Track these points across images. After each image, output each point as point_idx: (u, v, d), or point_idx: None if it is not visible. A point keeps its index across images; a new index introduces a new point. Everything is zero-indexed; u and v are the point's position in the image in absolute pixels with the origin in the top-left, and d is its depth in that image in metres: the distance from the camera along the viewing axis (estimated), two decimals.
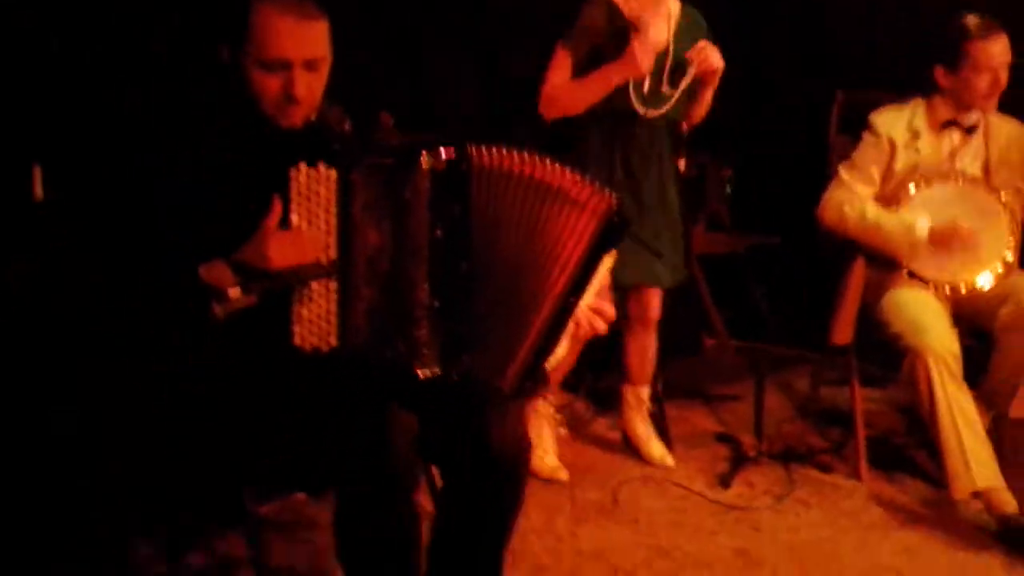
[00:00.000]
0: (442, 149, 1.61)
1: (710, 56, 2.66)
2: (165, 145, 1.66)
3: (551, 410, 2.91)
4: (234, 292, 1.52)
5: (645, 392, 3.04)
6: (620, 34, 2.59)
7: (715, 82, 2.75)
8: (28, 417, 1.92)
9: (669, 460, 2.96)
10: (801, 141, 3.98)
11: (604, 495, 2.73)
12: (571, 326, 1.70)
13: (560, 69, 2.65)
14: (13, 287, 1.97)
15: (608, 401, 3.31)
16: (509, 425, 1.73)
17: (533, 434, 2.72)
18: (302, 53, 1.63)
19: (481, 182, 1.64)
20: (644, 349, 2.99)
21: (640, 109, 2.68)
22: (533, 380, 1.70)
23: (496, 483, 1.71)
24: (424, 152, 1.60)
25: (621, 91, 2.64)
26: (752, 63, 4.01)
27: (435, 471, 1.96)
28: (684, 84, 2.71)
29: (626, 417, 3.06)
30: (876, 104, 3.03)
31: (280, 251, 1.55)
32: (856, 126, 3.29)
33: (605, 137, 2.72)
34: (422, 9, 3.00)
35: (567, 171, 1.67)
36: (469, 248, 1.65)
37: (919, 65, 3.00)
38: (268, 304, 1.59)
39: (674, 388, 3.41)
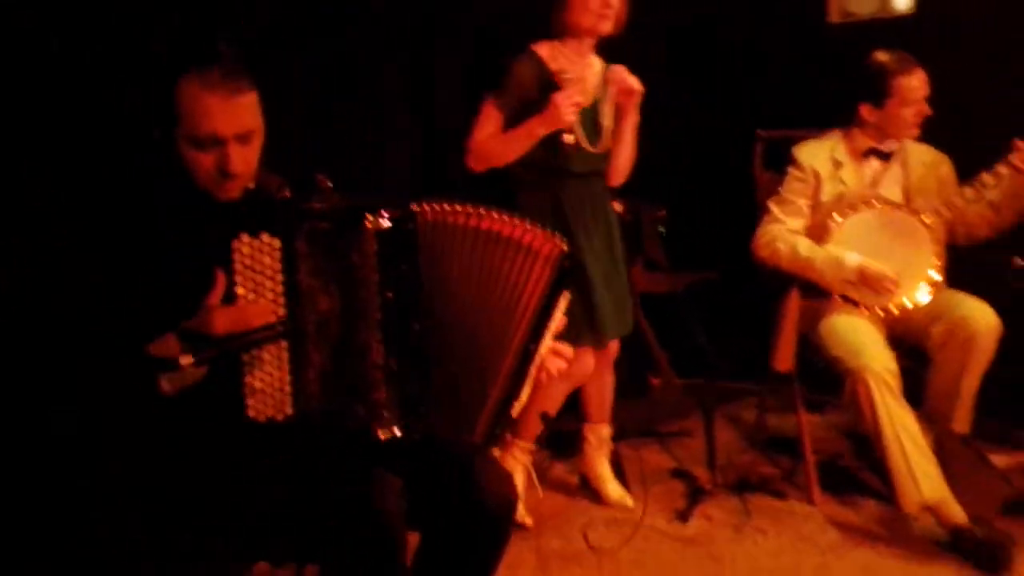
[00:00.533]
0: (385, 210, 1.61)
1: (627, 76, 2.72)
2: (106, 222, 1.66)
3: (526, 458, 2.91)
4: (185, 359, 1.48)
5: (606, 431, 3.07)
6: (549, 89, 2.65)
7: (635, 113, 2.79)
8: None
9: (628, 501, 2.98)
10: (728, 180, 4.12)
11: (567, 541, 2.74)
12: (533, 372, 1.72)
13: (487, 122, 2.69)
14: None
15: (564, 445, 3.33)
16: (498, 473, 1.76)
17: None
18: (233, 128, 1.63)
19: (428, 239, 1.64)
20: (604, 387, 3.03)
21: (584, 143, 2.72)
22: (501, 428, 1.71)
23: (487, 532, 1.73)
24: (367, 214, 1.59)
25: (556, 148, 2.69)
26: (676, 107, 4.13)
27: None
28: (609, 110, 2.76)
29: (587, 457, 3.07)
30: (794, 141, 3.17)
31: (226, 321, 1.53)
32: (777, 162, 3.43)
33: (544, 195, 2.76)
34: (357, 67, 3.03)
35: (515, 219, 1.69)
36: (421, 307, 1.64)
37: (833, 103, 3.15)
38: (219, 377, 1.57)
39: (625, 429, 3.44)
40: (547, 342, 1.74)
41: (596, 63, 2.82)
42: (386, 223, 1.61)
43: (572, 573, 2.55)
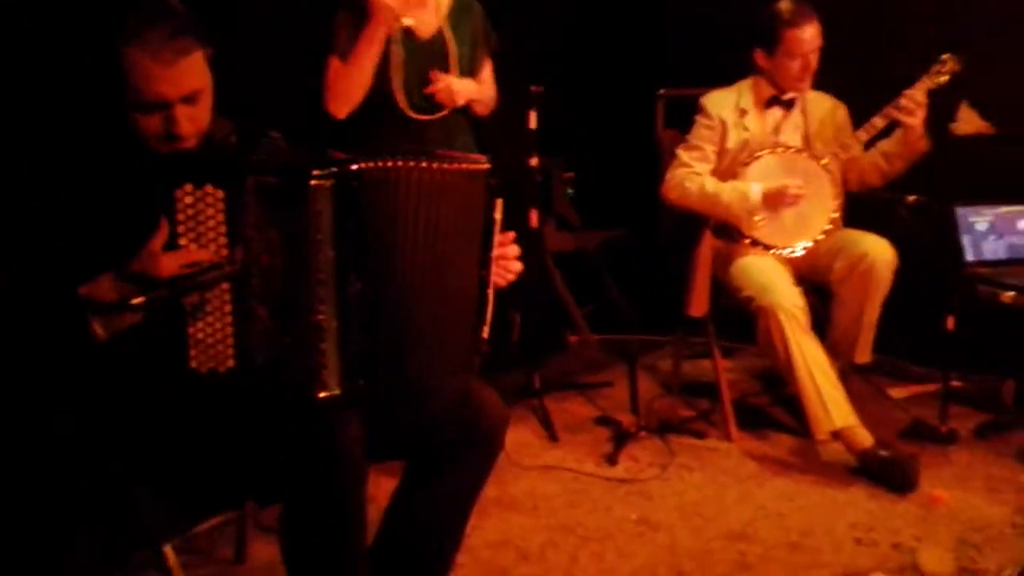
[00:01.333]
0: (330, 167, 1.59)
1: (448, 91, 2.73)
2: (48, 165, 1.63)
3: None
4: (136, 300, 1.48)
5: None
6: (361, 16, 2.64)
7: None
8: None
9: None
10: (631, 139, 4.23)
11: (500, 490, 2.80)
12: (490, 294, 1.77)
13: (330, 64, 2.67)
14: None
15: None
16: (489, 394, 1.83)
17: None
18: (179, 90, 1.60)
19: (372, 195, 1.62)
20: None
21: (409, 112, 2.72)
22: (480, 355, 1.76)
23: (482, 451, 1.81)
24: (313, 170, 1.57)
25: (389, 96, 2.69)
26: (579, 68, 4.22)
27: None
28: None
29: None
30: (693, 99, 3.28)
31: (171, 264, 1.53)
32: (678, 121, 3.55)
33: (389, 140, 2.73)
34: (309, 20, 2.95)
35: (447, 160, 1.70)
36: (366, 266, 1.62)
37: (732, 58, 3.28)
38: (160, 327, 1.57)
39: (549, 383, 3.53)
40: (494, 263, 1.77)
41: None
42: (331, 181, 1.58)
43: (510, 519, 2.62)
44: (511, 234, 1.85)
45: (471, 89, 2.80)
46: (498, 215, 1.76)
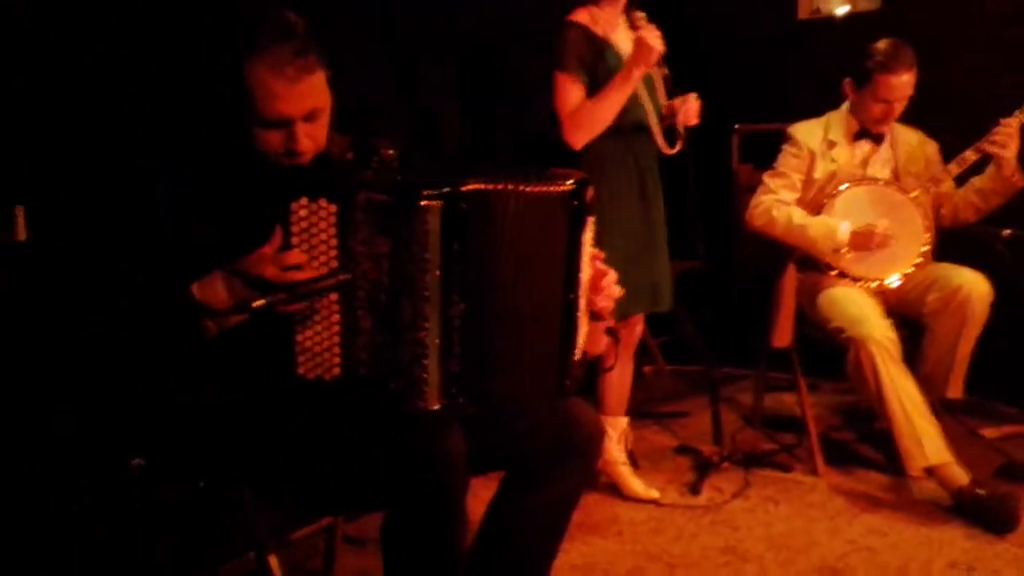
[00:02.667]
0: (442, 187, 1.60)
1: (693, 110, 2.77)
2: (170, 174, 1.67)
3: (616, 433, 2.92)
4: (257, 302, 1.51)
5: (624, 422, 3.00)
6: (598, 55, 2.70)
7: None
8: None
9: (653, 493, 2.90)
10: (706, 172, 4.21)
11: (583, 514, 2.77)
12: (581, 318, 1.76)
13: (571, 91, 2.67)
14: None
15: None
16: (583, 408, 1.81)
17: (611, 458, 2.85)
18: (301, 109, 1.64)
19: (480, 217, 1.63)
20: (625, 376, 2.99)
21: (665, 149, 2.78)
22: (571, 379, 1.75)
23: (578, 463, 1.79)
24: (424, 190, 1.59)
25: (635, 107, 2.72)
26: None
27: None
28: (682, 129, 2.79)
29: (606, 451, 2.90)
30: (767, 135, 3.26)
31: (277, 264, 1.56)
32: (753, 156, 3.53)
33: (621, 147, 2.77)
34: (417, 37, 3.01)
35: (542, 178, 1.70)
36: (469, 286, 1.63)
37: (802, 96, 3.26)
38: (268, 333, 1.59)
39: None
40: (584, 286, 1.76)
41: (624, 24, 2.81)
42: (440, 201, 1.60)
43: (595, 544, 2.59)
44: (600, 253, 1.83)
45: (696, 120, 2.79)
46: (587, 235, 1.75)
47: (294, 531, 1.81)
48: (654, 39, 2.62)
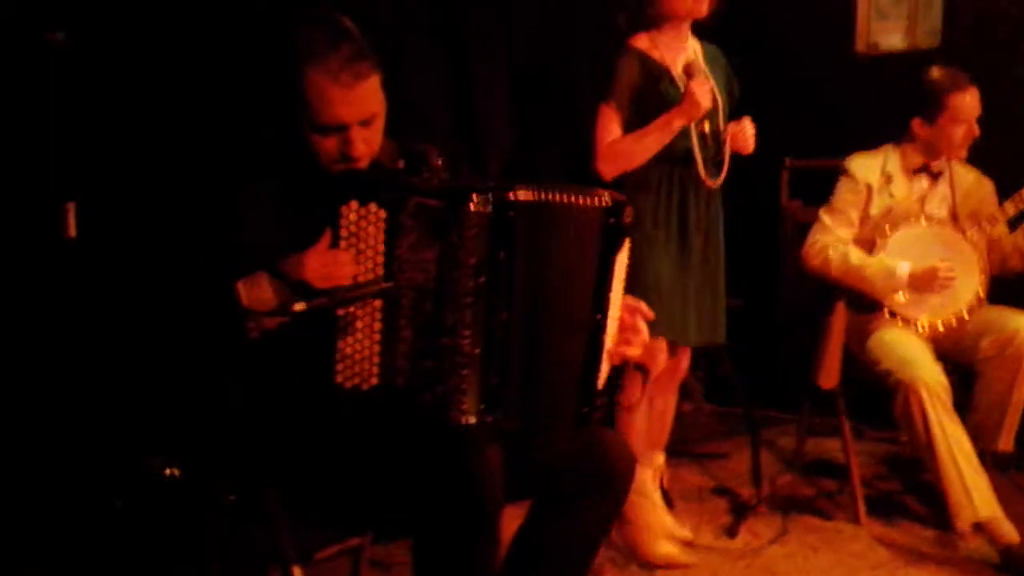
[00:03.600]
0: (491, 193, 1.59)
1: (748, 136, 2.74)
2: (221, 173, 1.66)
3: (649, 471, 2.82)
4: (298, 305, 1.49)
5: (661, 458, 2.91)
6: (657, 80, 2.67)
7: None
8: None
9: (685, 532, 2.81)
10: (753, 208, 4.16)
11: (615, 552, 2.69)
12: (608, 341, 1.70)
13: (610, 125, 2.66)
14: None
15: None
16: (613, 437, 1.76)
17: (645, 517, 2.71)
18: (357, 115, 1.64)
19: (526, 226, 1.62)
20: (665, 409, 2.91)
21: (708, 181, 2.73)
22: (591, 407, 1.69)
23: (608, 493, 1.73)
24: (473, 195, 1.58)
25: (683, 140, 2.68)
26: None
27: None
28: (727, 156, 2.77)
29: (640, 484, 2.73)
30: (817, 171, 3.19)
31: (321, 268, 1.54)
32: (803, 192, 3.46)
33: (664, 176, 2.72)
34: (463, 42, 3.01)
35: (583, 193, 1.67)
36: (512, 296, 1.62)
37: (857, 132, 3.20)
38: (311, 335, 1.56)
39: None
40: (614, 311, 1.71)
41: (693, 45, 2.78)
42: (489, 208, 1.58)
43: None
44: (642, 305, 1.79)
45: (751, 147, 2.77)
46: (621, 257, 1.71)
47: (320, 550, 1.75)
48: (703, 94, 2.59)
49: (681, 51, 2.73)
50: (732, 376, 4.03)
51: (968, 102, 2.90)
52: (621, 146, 2.66)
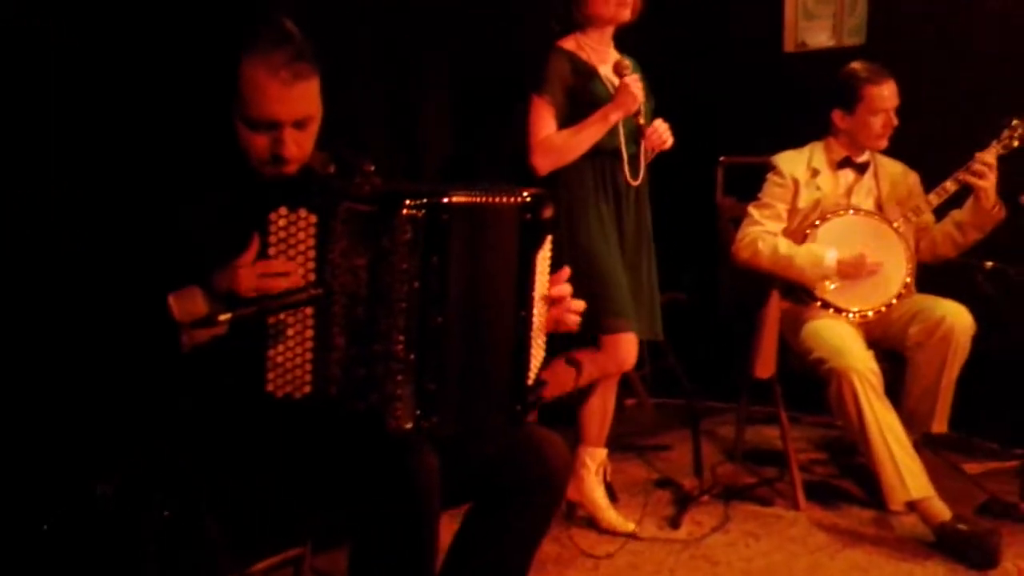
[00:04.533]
0: (424, 198, 1.58)
1: (662, 132, 2.78)
2: (151, 173, 1.64)
3: (594, 464, 2.88)
4: (223, 316, 1.46)
5: (603, 454, 2.94)
6: (583, 79, 2.71)
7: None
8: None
9: (629, 526, 2.83)
10: (690, 204, 4.22)
11: (562, 546, 2.72)
12: (536, 336, 1.72)
13: (545, 119, 2.69)
14: None
15: None
16: (556, 440, 1.77)
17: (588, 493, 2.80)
18: (292, 114, 1.62)
19: (458, 229, 1.61)
20: (606, 405, 2.92)
21: (630, 180, 2.78)
22: (523, 402, 1.70)
23: (543, 495, 1.74)
24: (406, 200, 1.57)
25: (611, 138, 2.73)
26: None
27: None
28: (643, 156, 2.83)
29: (583, 481, 2.87)
30: (752, 167, 3.27)
31: (252, 278, 1.52)
32: (738, 189, 3.53)
33: (597, 173, 2.76)
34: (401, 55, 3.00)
35: (505, 193, 1.68)
36: (446, 300, 1.61)
37: (790, 128, 3.27)
38: (241, 345, 1.55)
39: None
40: (538, 305, 1.72)
41: (614, 53, 2.82)
42: (422, 212, 1.57)
43: None
44: (566, 271, 1.81)
45: (670, 143, 2.81)
46: (543, 254, 1.72)
47: (258, 562, 1.74)
48: (637, 88, 2.65)
49: (606, 54, 2.80)
50: (675, 369, 4.09)
51: (885, 93, 3.00)
52: (557, 140, 2.69)
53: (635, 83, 2.66)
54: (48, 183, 2.03)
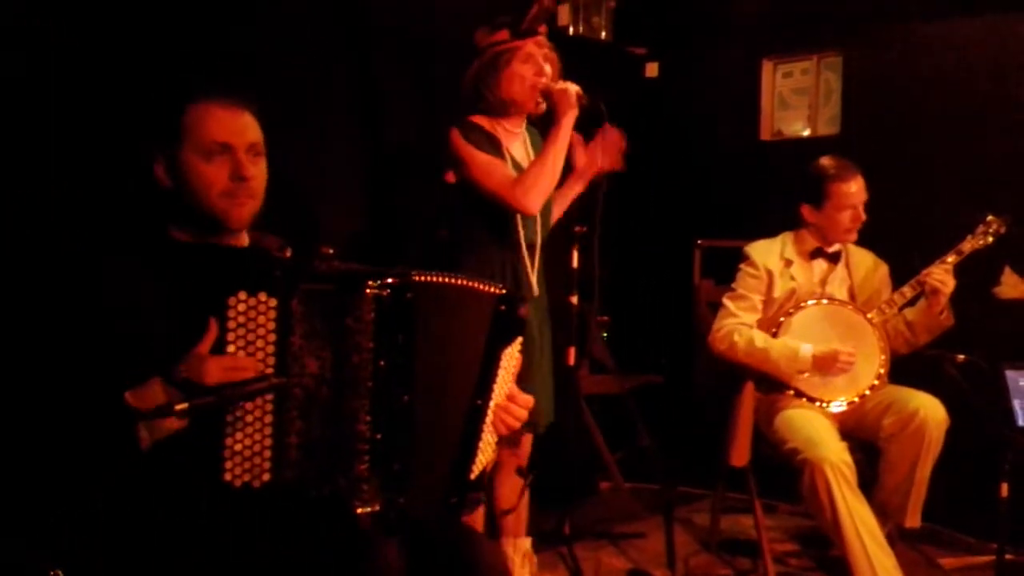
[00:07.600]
0: (389, 277, 1.59)
1: (615, 146, 2.82)
2: (102, 265, 1.62)
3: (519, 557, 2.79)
4: (180, 405, 1.42)
5: (527, 543, 2.85)
6: (496, 151, 2.66)
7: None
8: None
9: None
10: (668, 288, 4.25)
11: None
12: (488, 429, 1.71)
13: (498, 168, 2.62)
14: None
15: None
16: (496, 547, 1.72)
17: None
18: (243, 138, 1.68)
19: (424, 307, 1.62)
20: (516, 492, 2.76)
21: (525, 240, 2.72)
22: (461, 495, 1.68)
23: None
24: (369, 279, 1.57)
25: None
26: (619, 218, 4.27)
27: None
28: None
29: None
30: (728, 251, 3.29)
31: (217, 369, 1.49)
32: (715, 271, 3.55)
33: (507, 261, 2.72)
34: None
35: (483, 280, 1.71)
36: (412, 378, 1.60)
37: (765, 214, 3.32)
38: (197, 437, 1.51)
39: (579, 530, 3.40)
40: (499, 398, 1.72)
41: (525, 136, 2.80)
42: (387, 290, 1.58)
43: None
44: (527, 399, 1.81)
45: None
46: (509, 350, 1.72)
47: None
48: (568, 84, 2.61)
49: (516, 137, 2.75)
50: (652, 451, 4.06)
51: (852, 189, 3.03)
52: (530, 174, 2.59)
53: (567, 84, 2.61)
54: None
